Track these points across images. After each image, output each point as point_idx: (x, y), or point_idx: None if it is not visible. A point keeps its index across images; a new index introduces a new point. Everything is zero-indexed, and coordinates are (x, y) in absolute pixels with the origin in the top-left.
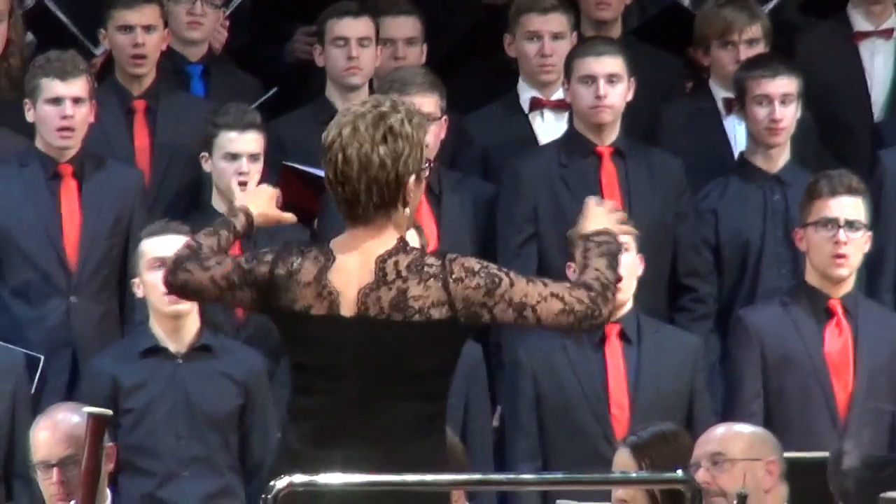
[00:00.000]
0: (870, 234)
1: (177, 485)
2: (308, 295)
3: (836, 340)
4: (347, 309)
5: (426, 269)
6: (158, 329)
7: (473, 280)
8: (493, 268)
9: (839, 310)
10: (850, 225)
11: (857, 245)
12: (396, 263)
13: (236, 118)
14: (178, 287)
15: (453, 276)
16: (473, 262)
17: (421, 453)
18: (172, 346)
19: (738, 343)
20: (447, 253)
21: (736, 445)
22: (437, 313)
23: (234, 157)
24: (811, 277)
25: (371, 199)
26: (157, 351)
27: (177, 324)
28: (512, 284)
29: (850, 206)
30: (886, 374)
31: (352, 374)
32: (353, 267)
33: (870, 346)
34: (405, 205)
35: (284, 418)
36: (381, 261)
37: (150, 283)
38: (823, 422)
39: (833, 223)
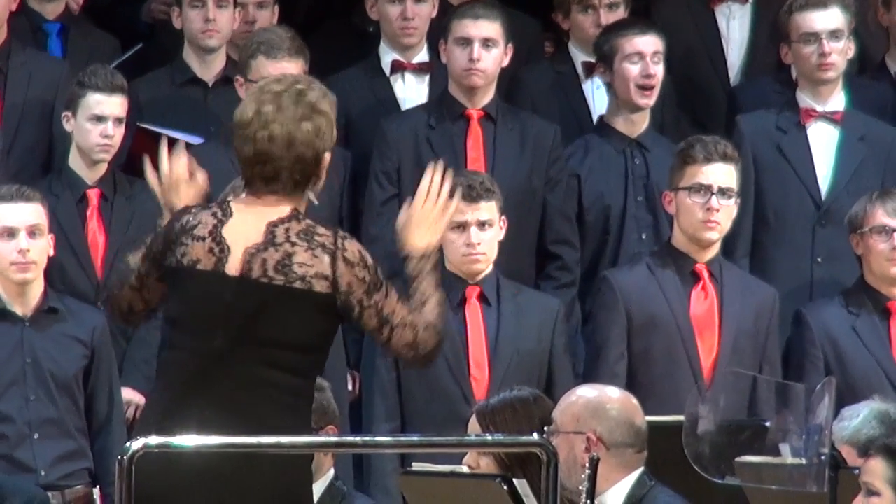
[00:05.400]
0: (739, 201)
1: (28, 447)
2: (198, 249)
3: (702, 304)
4: (233, 268)
5: (317, 237)
6: (3, 293)
7: (363, 272)
8: (378, 269)
9: (705, 274)
10: (723, 192)
11: (728, 212)
12: (288, 230)
13: (105, 80)
14: (126, 318)
15: (344, 256)
16: (366, 254)
17: (276, 427)
18: (19, 310)
19: (603, 305)
20: (339, 229)
21: (563, 415)
22: (318, 286)
23: (101, 119)
24: (678, 241)
25: (293, 175)
26: (3, 315)
27: (22, 288)
28: (387, 295)
29: (723, 173)
30: (751, 338)
31: (221, 333)
32: (246, 226)
33: (735, 311)
34: (318, 179)
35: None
36: (273, 225)
37: None
38: (688, 384)
39: (706, 189)
